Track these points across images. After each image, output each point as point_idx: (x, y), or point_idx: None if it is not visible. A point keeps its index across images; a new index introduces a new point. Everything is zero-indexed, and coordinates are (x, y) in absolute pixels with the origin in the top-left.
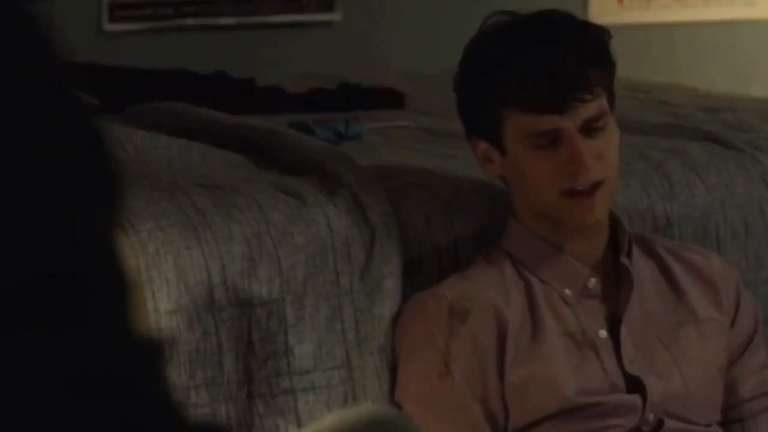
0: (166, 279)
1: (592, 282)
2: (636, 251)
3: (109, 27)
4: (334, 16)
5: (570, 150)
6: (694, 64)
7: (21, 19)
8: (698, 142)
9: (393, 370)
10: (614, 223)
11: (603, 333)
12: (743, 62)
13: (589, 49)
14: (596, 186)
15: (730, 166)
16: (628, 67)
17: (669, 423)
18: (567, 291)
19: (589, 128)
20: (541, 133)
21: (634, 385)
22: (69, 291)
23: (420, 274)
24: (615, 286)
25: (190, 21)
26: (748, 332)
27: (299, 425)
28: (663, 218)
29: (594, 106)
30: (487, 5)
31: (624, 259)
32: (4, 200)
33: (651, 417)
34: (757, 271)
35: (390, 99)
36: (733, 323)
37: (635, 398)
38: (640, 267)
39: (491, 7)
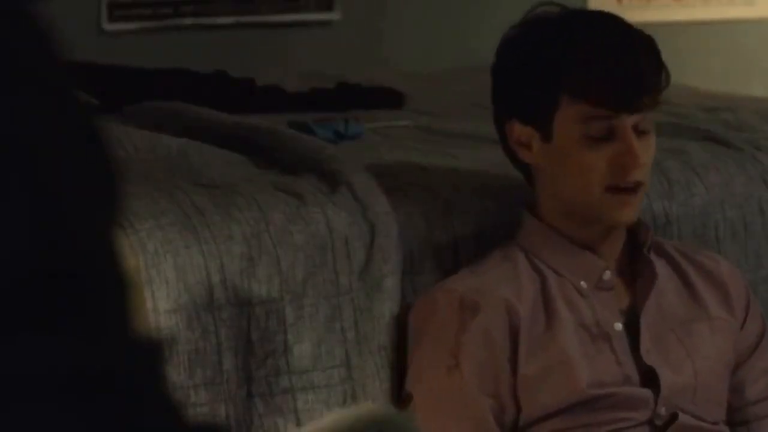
0: (165, 278)
1: (608, 274)
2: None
3: (108, 26)
4: (334, 16)
5: (625, 144)
6: (694, 64)
7: (21, 19)
8: (698, 141)
9: (393, 370)
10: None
11: (618, 325)
12: (743, 61)
13: (654, 54)
14: (637, 186)
15: (729, 166)
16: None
17: (682, 418)
18: (582, 283)
19: (640, 129)
20: (600, 125)
21: (648, 378)
22: (69, 291)
23: (419, 273)
24: (632, 281)
25: (189, 20)
26: (757, 335)
27: (298, 424)
28: (662, 217)
29: (651, 109)
30: (486, 5)
31: (646, 253)
32: (4, 200)
33: (663, 411)
34: (756, 270)
35: (389, 98)
36: (742, 325)
37: (647, 392)
38: (657, 264)
39: (491, 7)
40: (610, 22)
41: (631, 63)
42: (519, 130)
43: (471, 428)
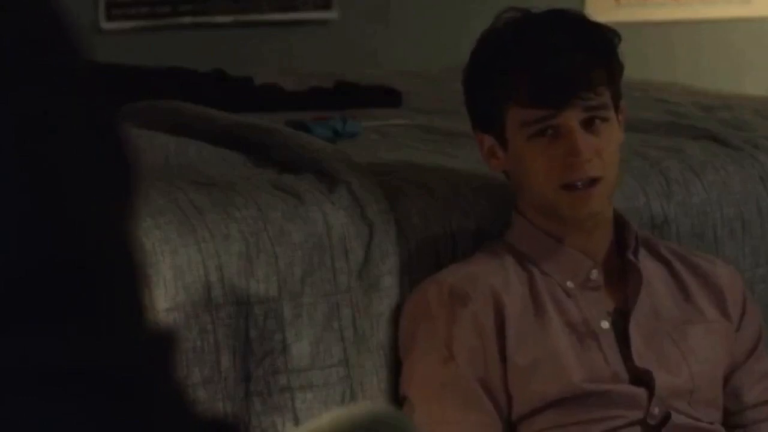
0: (163, 277)
1: (594, 273)
2: (643, 252)
3: (106, 25)
4: (331, 15)
5: (568, 144)
6: (690, 62)
7: (40, 10)
8: (696, 140)
9: (391, 368)
10: (620, 222)
11: (605, 324)
12: (738, 60)
13: (593, 50)
14: (593, 182)
15: (727, 164)
16: (624, 66)
17: (675, 418)
18: (569, 283)
19: (590, 124)
20: (540, 128)
21: (639, 378)
22: (78, 283)
23: (417, 272)
24: (621, 283)
25: (187, 19)
26: (753, 339)
27: (297, 423)
28: (660, 216)
29: (595, 104)
30: (484, 4)
31: (630, 255)
32: (16, 192)
33: (656, 411)
34: (754, 268)
35: (387, 97)
36: (738, 330)
37: (641, 391)
38: (648, 266)
39: (488, 5)
40: (557, 21)
41: (559, 61)
42: (486, 141)
43: (474, 417)
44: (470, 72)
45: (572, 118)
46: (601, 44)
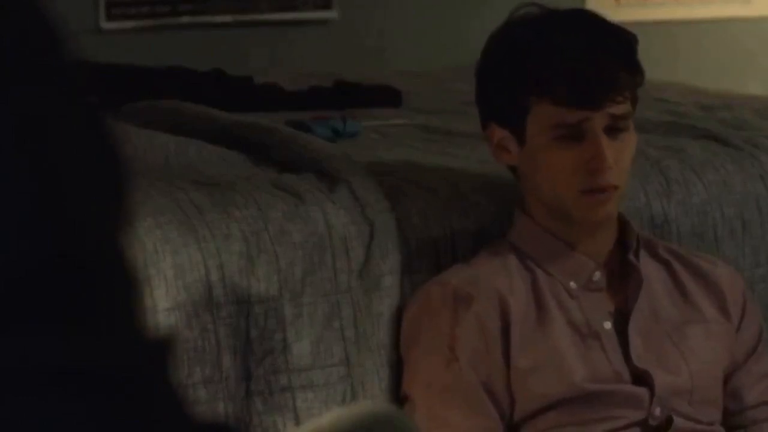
0: (164, 276)
1: (597, 275)
2: (643, 253)
3: (106, 25)
4: (331, 14)
5: (594, 147)
6: (691, 62)
7: (35, 14)
8: (696, 139)
9: (392, 368)
10: (623, 223)
11: (607, 324)
12: (739, 60)
13: (624, 53)
14: (611, 188)
15: (727, 164)
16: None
17: (677, 422)
18: (572, 284)
19: (613, 129)
20: (568, 127)
21: (640, 379)
22: (76, 285)
23: (418, 271)
24: (621, 283)
25: (186, 19)
26: (754, 339)
27: (297, 423)
28: (660, 216)
29: (622, 108)
30: (484, 3)
31: (631, 257)
32: (16, 192)
33: (658, 411)
34: (754, 268)
35: (387, 97)
36: (738, 330)
37: (643, 391)
38: (648, 267)
39: (488, 5)
40: (584, 21)
41: (594, 61)
42: (497, 134)
43: (476, 421)
44: (487, 63)
45: (599, 123)
46: (629, 47)
